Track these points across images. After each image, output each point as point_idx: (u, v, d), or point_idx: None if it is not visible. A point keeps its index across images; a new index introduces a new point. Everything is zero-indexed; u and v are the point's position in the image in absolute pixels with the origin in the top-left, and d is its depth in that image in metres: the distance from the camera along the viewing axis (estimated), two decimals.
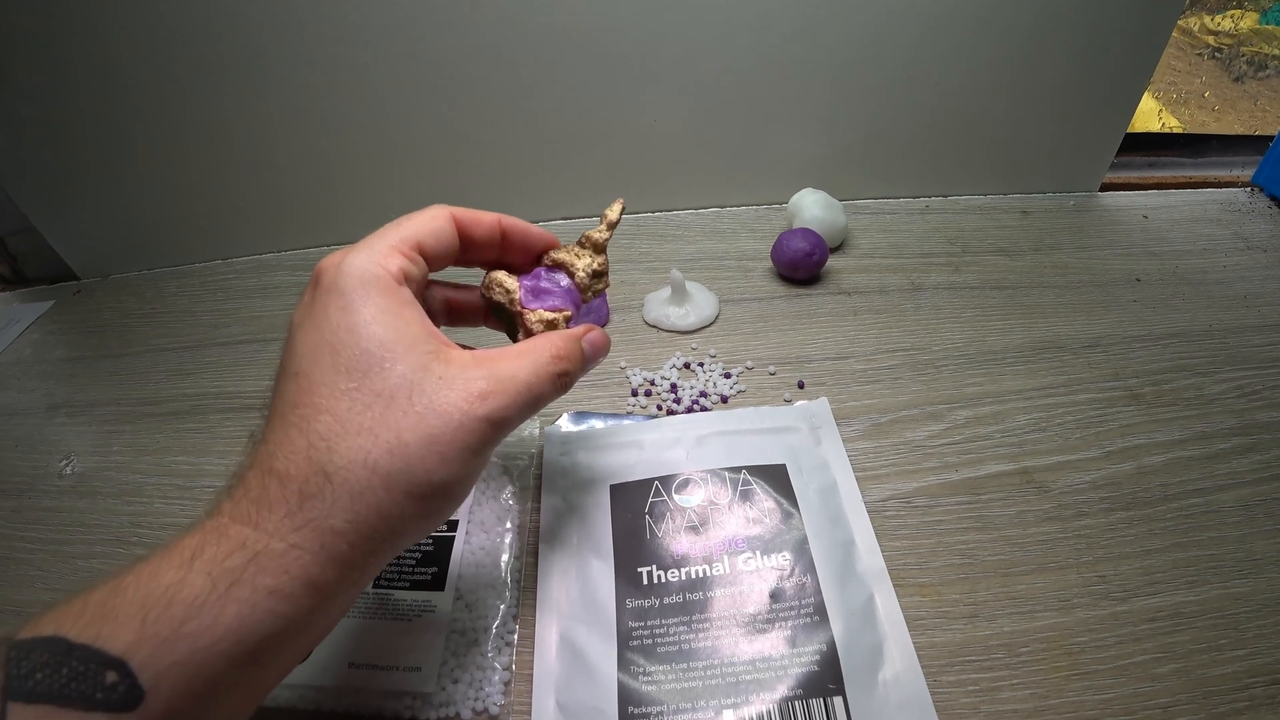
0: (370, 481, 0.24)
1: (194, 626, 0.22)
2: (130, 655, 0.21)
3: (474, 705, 0.35)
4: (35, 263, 0.73)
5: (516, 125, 0.65)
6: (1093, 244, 0.67)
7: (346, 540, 0.24)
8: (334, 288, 0.27)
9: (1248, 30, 1.29)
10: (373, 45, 0.59)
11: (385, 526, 0.25)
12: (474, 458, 0.27)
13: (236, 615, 0.22)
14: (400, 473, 0.25)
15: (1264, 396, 0.50)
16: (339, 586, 0.24)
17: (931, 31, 0.62)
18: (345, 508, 0.24)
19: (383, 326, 0.26)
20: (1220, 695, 0.34)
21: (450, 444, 0.26)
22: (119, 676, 0.21)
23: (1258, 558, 0.40)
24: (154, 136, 0.63)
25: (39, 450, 0.53)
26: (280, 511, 0.24)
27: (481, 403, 0.26)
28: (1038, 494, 0.44)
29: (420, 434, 0.25)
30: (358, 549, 0.24)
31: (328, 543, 0.24)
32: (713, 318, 0.58)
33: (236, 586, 0.23)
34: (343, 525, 0.24)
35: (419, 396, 0.26)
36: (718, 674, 0.34)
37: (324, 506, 0.24)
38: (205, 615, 0.22)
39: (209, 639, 0.22)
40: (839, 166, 0.71)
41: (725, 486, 0.42)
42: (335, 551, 0.24)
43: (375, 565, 0.26)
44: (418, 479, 0.25)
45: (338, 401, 0.25)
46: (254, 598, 0.23)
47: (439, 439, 0.25)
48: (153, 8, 0.56)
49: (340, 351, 0.26)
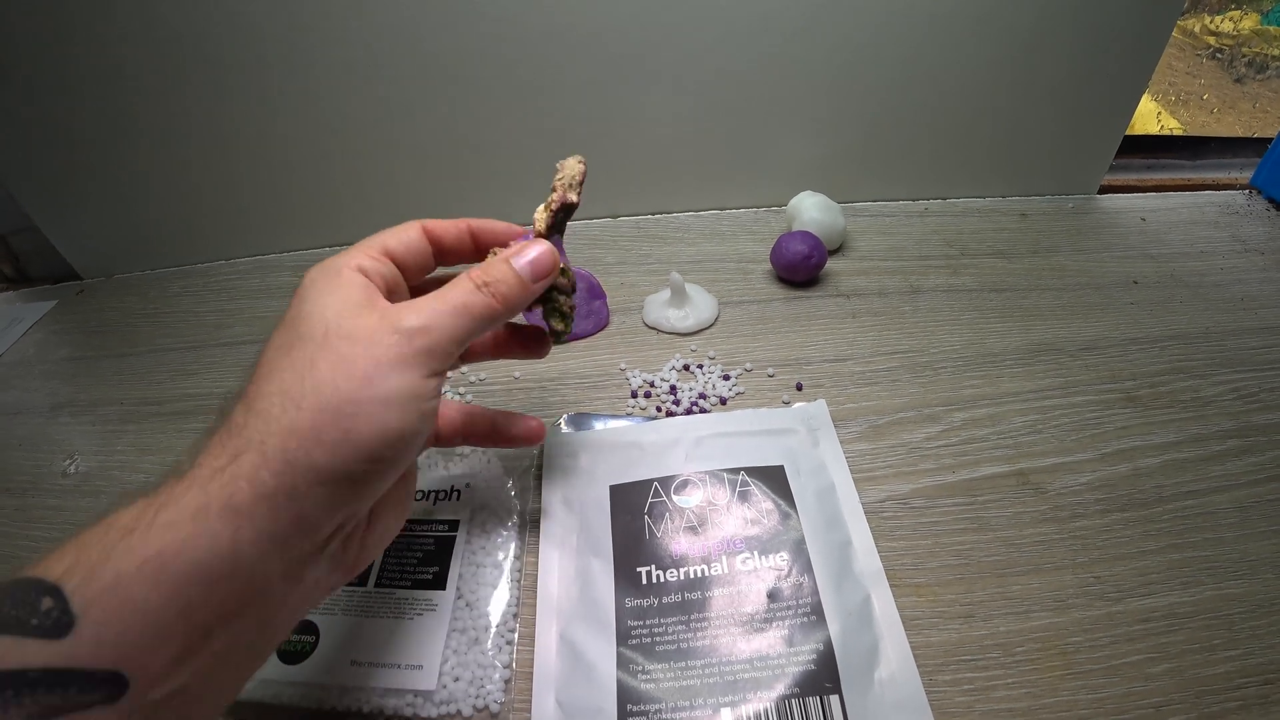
0: (283, 405, 0.25)
1: (122, 548, 0.22)
2: (65, 580, 0.22)
3: (475, 703, 0.35)
4: (38, 262, 0.73)
5: (517, 126, 0.65)
6: (1091, 246, 0.67)
7: (263, 460, 0.24)
8: (308, 284, 0.29)
9: (1248, 31, 1.29)
10: (375, 47, 0.60)
11: (302, 451, 0.25)
12: (393, 373, 0.27)
13: (159, 538, 0.23)
14: (310, 391, 0.25)
15: (1260, 399, 0.51)
16: (261, 518, 0.24)
17: (930, 34, 0.63)
18: (259, 430, 0.25)
19: (324, 294, 0.28)
20: (1213, 695, 0.34)
21: (364, 358, 0.26)
22: (53, 602, 0.21)
23: (1252, 559, 0.40)
24: (157, 137, 0.63)
25: (42, 449, 0.53)
26: (211, 452, 0.25)
27: (397, 319, 0.28)
28: (1034, 495, 0.44)
29: (332, 358, 0.26)
30: (273, 472, 0.24)
31: (242, 462, 0.24)
32: (712, 320, 0.58)
33: (164, 511, 0.23)
34: (257, 446, 0.25)
35: (335, 330, 0.27)
36: (716, 673, 0.34)
37: (245, 434, 0.25)
38: (134, 538, 0.23)
39: (135, 561, 0.22)
40: (838, 169, 0.72)
41: (724, 487, 0.42)
42: (249, 470, 0.24)
43: (307, 515, 0.25)
44: (327, 396, 0.25)
45: (270, 355, 0.27)
46: (178, 519, 0.23)
47: (349, 357, 0.26)
48: (156, 8, 0.56)
49: (287, 322, 0.28)
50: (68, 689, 0.21)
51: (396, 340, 0.27)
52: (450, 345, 0.29)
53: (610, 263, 0.66)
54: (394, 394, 0.27)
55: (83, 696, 0.21)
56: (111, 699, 0.21)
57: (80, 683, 0.21)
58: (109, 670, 0.21)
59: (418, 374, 0.27)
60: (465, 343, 0.29)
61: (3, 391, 0.60)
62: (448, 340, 0.28)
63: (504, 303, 0.31)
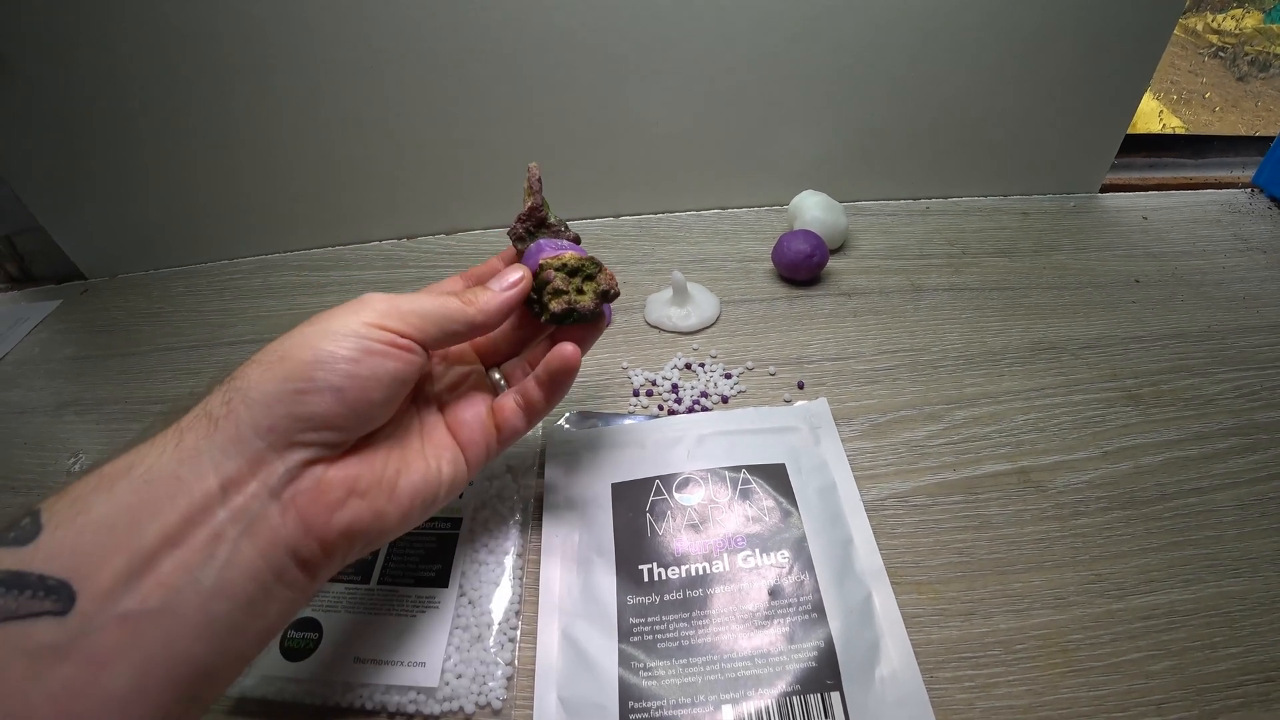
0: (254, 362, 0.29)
1: (93, 473, 0.25)
2: (43, 504, 0.24)
3: (477, 700, 0.35)
4: (43, 262, 0.73)
5: (520, 127, 0.66)
6: (1092, 245, 0.67)
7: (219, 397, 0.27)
8: None
9: (1251, 30, 1.29)
10: (378, 48, 0.60)
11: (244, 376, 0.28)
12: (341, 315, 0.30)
13: (121, 460, 0.26)
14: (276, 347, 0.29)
15: (1262, 397, 0.51)
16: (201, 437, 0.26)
17: (931, 34, 0.63)
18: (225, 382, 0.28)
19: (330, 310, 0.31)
20: (1214, 692, 0.35)
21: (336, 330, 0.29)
22: (30, 520, 0.24)
23: (1253, 556, 0.40)
24: (160, 138, 0.64)
25: (47, 448, 0.54)
26: None
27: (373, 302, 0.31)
28: (1035, 493, 0.44)
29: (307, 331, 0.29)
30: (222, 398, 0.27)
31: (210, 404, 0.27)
32: (714, 319, 0.58)
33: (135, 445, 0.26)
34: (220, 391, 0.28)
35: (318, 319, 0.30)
36: (717, 670, 0.34)
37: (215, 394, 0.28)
38: (104, 465, 0.26)
39: (94, 479, 0.25)
40: (840, 168, 0.72)
41: (725, 485, 0.42)
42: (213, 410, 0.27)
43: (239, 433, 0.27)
44: (292, 353, 0.28)
45: None
46: (135, 443, 0.26)
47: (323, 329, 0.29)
48: (160, 10, 0.56)
49: None
50: (23, 591, 0.22)
51: (361, 301, 0.31)
52: (411, 315, 0.31)
53: (613, 262, 0.66)
54: (333, 329, 0.29)
55: (34, 602, 0.22)
56: (60, 611, 0.22)
57: (34, 587, 0.22)
58: (59, 578, 0.23)
59: (365, 317, 0.30)
60: (432, 323, 0.32)
61: (8, 390, 0.60)
62: (411, 310, 0.31)
63: (479, 309, 0.34)
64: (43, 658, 0.22)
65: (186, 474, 0.25)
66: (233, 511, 0.26)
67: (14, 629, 0.22)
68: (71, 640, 0.22)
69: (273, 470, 0.27)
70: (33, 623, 0.22)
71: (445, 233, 0.73)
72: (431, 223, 0.72)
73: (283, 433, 0.27)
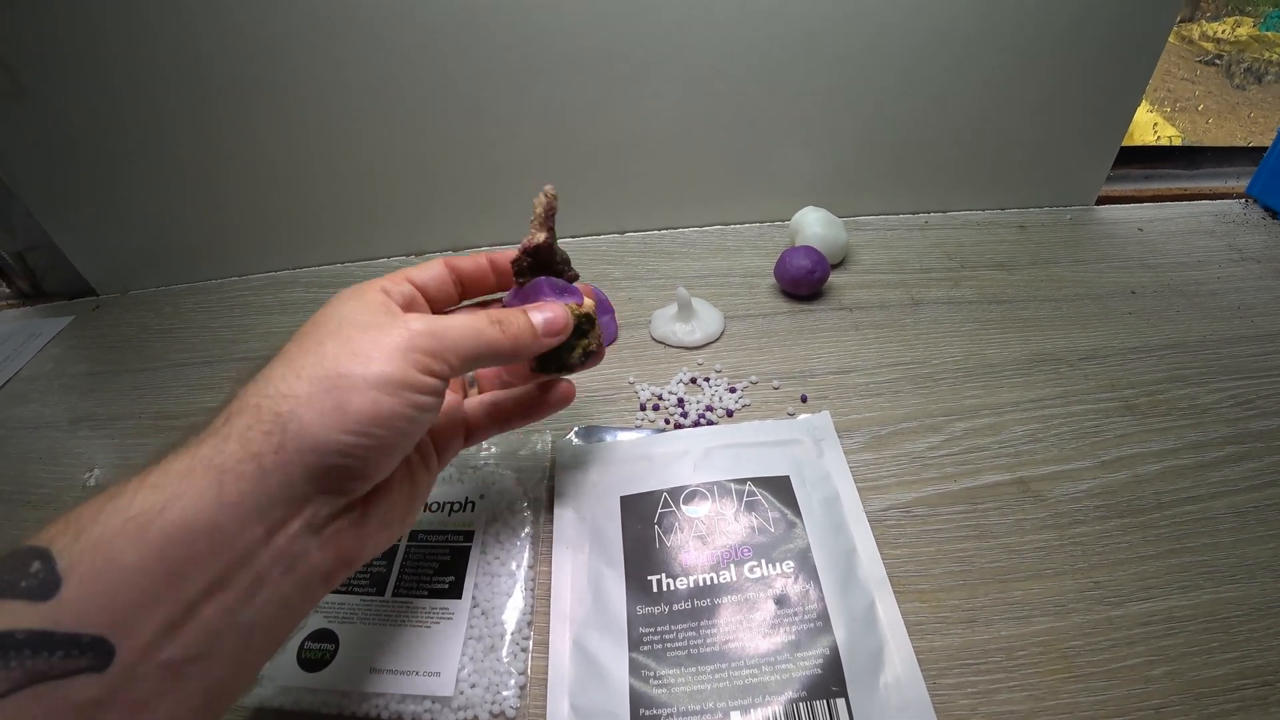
0: (284, 373, 0.27)
1: (108, 510, 0.23)
2: (53, 541, 0.22)
3: (491, 709, 0.36)
4: (55, 278, 0.74)
5: (526, 145, 0.67)
6: (1089, 257, 0.68)
7: (259, 426, 0.25)
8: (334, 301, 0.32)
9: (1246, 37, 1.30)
10: (387, 67, 0.61)
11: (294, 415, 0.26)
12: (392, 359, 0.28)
13: (145, 499, 0.23)
14: (313, 364, 0.27)
15: (1257, 406, 0.51)
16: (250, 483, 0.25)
17: (927, 52, 0.64)
18: (258, 395, 0.26)
19: (341, 300, 0.31)
20: (1212, 697, 0.35)
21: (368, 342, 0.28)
22: (41, 565, 0.21)
23: (1250, 563, 0.41)
24: (172, 155, 0.65)
25: (62, 463, 0.54)
26: (212, 421, 0.26)
27: (408, 323, 0.30)
28: (1034, 503, 0.45)
29: (339, 340, 0.28)
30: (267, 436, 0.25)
31: (238, 426, 0.25)
32: (718, 334, 0.59)
33: (149, 474, 0.24)
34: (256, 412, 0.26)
35: (350, 326, 0.29)
36: (725, 677, 0.35)
37: (242, 400, 0.26)
38: (120, 500, 0.23)
39: (118, 521, 0.22)
40: (840, 184, 0.73)
41: (731, 497, 0.43)
42: (245, 436, 0.25)
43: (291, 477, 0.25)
44: (327, 366, 0.27)
45: (288, 347, 0.29)
46: (163, 481, 0.24)
47: (355, 339, 0.28)
48: (173, 28, 0.58)
49: (306, 327, 0.30)
50: (54, 652, 0.21)
51: (402, 333, 0.29)
52: (452, 355, 0.30)
53: (617, 278, 0.68)
54: (389, 378, 0.28)
55: (69, 662, 0.21)
56: (98, 667, 0.21)
57: (66, 646, 0.21)
58: (94, 635, 0.21)
59: (414, 367, 0.29)
60: (468, 360, 0.31)
61: (22, 405, 0.61)
62: (450, 349, 0.30)
63: (513, 341, 0.33)
64: (83, 713, 0.21)
65: (230, 524, 0.24)
66: (276, 553, 0.26)
67: (49, 690, 0.21)
68: (112, 694, 0.21)
69: (318, 512, 0.27)
70: (69, 681, 0.21)
71: (451, 249, 0.74)
72: (439, 239, 0.73)
73: (333, 480, 0.27)
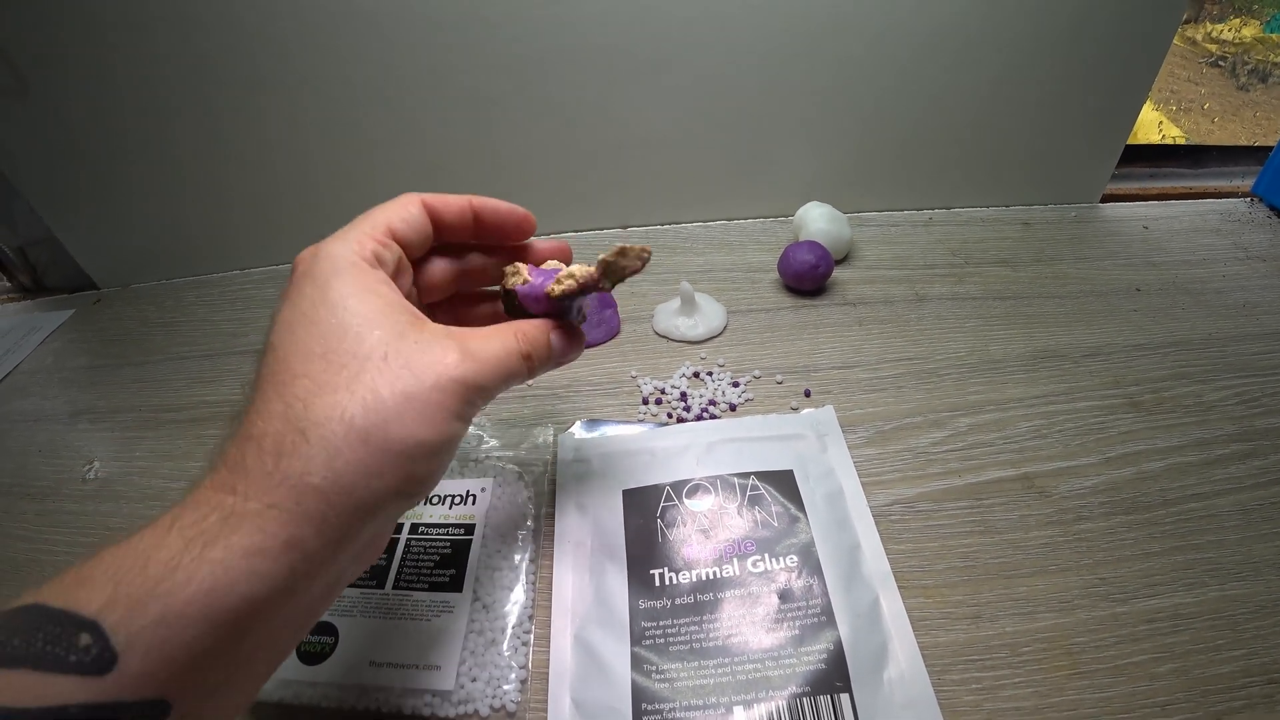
0: (347, 437, 0.24)
1: (167, 586, 0.21)
2: (103, 616, 0.21)
3: (492, 703, 0.36)
4: (56, 272, 0.74)
5: (529, 140, 0.67)
6: (1093, 255, 0.68)
7: (325, 498, 0.24)
8: (310, 273, 0.28)
9: (1251, 39, 1.30)
10: (389, 63, 0.61)
11: (364, 486, 0.24)
12: (450, 421, 0.26)
13: (210, 575, 0.22)
14: (377, 428, 0.24)
15: (1263, 403, 0.51)
16: (318, 552, 0.24)
17: (932, 49, 0.64)
18: (322, 464, 0.24)
19: (357, 300, 0.27)
20: (1218, 694, 0.35)
21: (427, 402, 0.26)
22: (92, 639, 0.21)
23: (1255, 560, 0.41)
24: (173, 150, 0.65)
25: (62, 455, 0.54)
26: (257, 473, 0.24)
27: (457, 365, 0.27)
28: (1039, 499, 0.45)
29: (397, 390, 0.25)
30: (335, 509, 0.24)
31: (305, 500, 0.23)
32: (721, 328, 0.59)
33: (211, 547, 0.22)
34: (320, 482, 0.23)
35: (395, 356, 0.26)
36: (728, 672, 0.35)
37: (300, 463, 0.23)
38: (179, 574, 0.22)
39: (183, 599, 0.21)
40: (844, 180, 0.73)
41: (734, 492, 0.43)
42: (312, 510, 0.23)
43: (354, 539, 0.25)
44: (394, 435, 0.25)
45: (313, 364, 0.25)
46: (229, 558, 0.22)
47: (415, 396, 0.25)
48: (175, 25, 0.57)
49: (316, 323, 0.26)
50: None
51: (457, 389, 0.27)
52: (484, 398, 0.29)
53: None
54: (448, 441, 0.27)
55: None
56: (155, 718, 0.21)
57: (122, 713, 0.20)
58: (152, 699, 0.21)
59: (463, 425, 0.28)
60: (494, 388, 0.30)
61: (23, 399, 0.61)
62: (489, 391, 0.29)
63: (531, 374, 0.32)
64: None
65: (300, 590, 0.24)
66: (324, 586, 0.26)
67: None
68: None
69: (357, 542, 0.26)
70: None
71: None
72: None
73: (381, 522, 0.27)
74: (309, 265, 0.28)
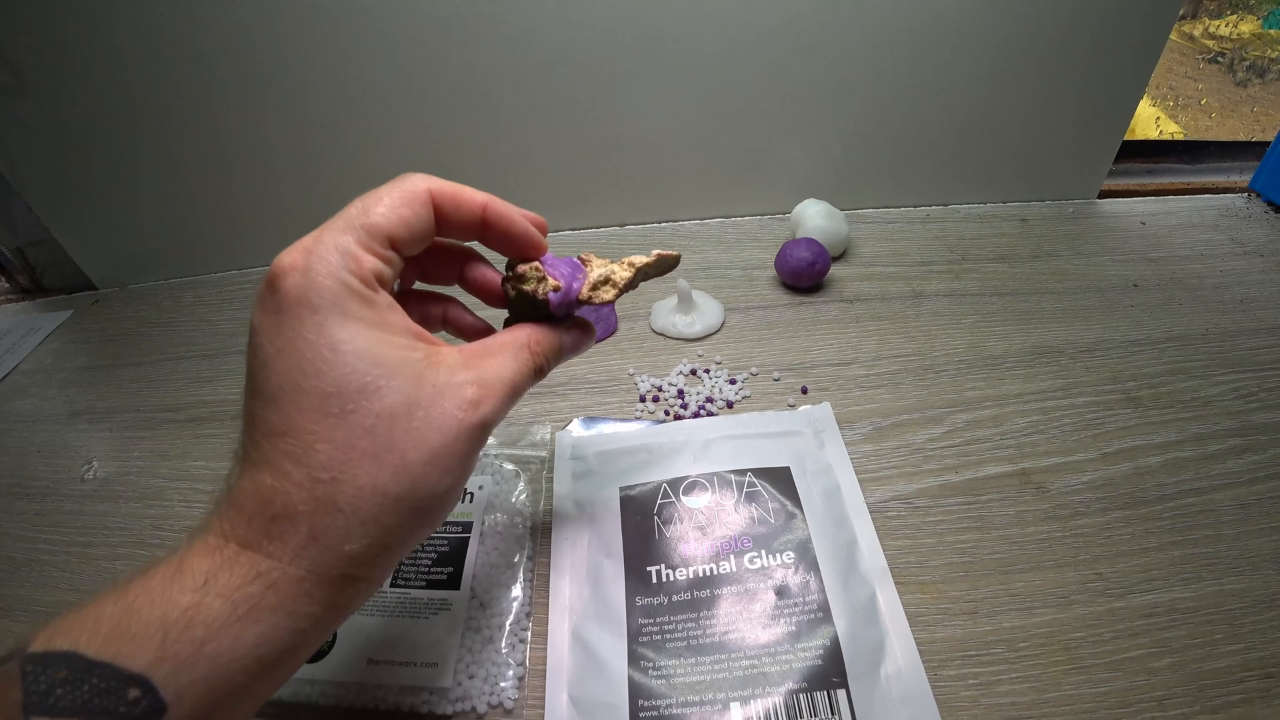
0: (382, 505, 0.24)
1: (214, 647, 0.23)
2: (152, 673, 0.22)
3: (489, 700, 0.36)
4: (54, 273, 0.74)
5: (527, 138, 0.67)
6: (1091, 251, 0.68)
7: (362, 561, 0.25)
8: (304, 302, 0.24)
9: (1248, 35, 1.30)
10: (388, 62, 0.61)
11: (395, 541, 0.26)
12: (468, 462, 0.27)
13: (257, 635, 0.23)
14: (408, 492, 0.25)
15: (1260, 398, 0.51)
16: (352, 602, 0.26)
17: (930, 45, 0.64)
18: (360, 534, 0.24)
19: (369, 342, 0.25)
20: (1215, 689, 0.35)
21: (451, 456, 0.26)
22: (141, 693, 0.22)
23: (1253, 555, 0.41)
24: (171, 150, 0.65)
25: (61, 455, 0.54)
26: (291, 543, 0.24)
27: (475, 410, 0.26)
28: (1036, 494, 0.45)
29: (423, 452, 0.25)
30: (368, 565, 0.25)
31: (342, 565, 0.24)
32: (718, 325, 0.59)
33: (256, 610, 0.23)
34: (358, 549, 0.24)
35: (417, 411, 0.25)
36: (725, 668, 0.35)
37: (338, 535, 0.24)
38: (225, 636, 0.23)
39: (230, 658, 0.23)
40: (841, 177, 0.73)
41: (731, 489, 0.43)
42: (350, 572, 0.25)
43: (382, 575, 0.27)
44: (424, 494, 0.25)
45: (333, 429, 0.24)
46: (274, 619, 0.23)
47: (440, 453, 0.25)
48: (171, 26, 0.57)
49: (325, 373, 0.24)
50: None
51: (475, 435, 0.27)
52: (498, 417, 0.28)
53: None
54: (468, 475, 0.28)
55: None
56: None
57: None
58: None
59: (474, 452, 0.27)
60: None
61: (21, 399, 0.61)
62: (503, 417, 0.29)
63: (544, 376, 0.32)
64: None
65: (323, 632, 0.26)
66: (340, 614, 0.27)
67: None
68: None
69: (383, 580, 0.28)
70: None
71: None
72: None
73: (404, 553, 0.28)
74: (301, 293, 0.24)
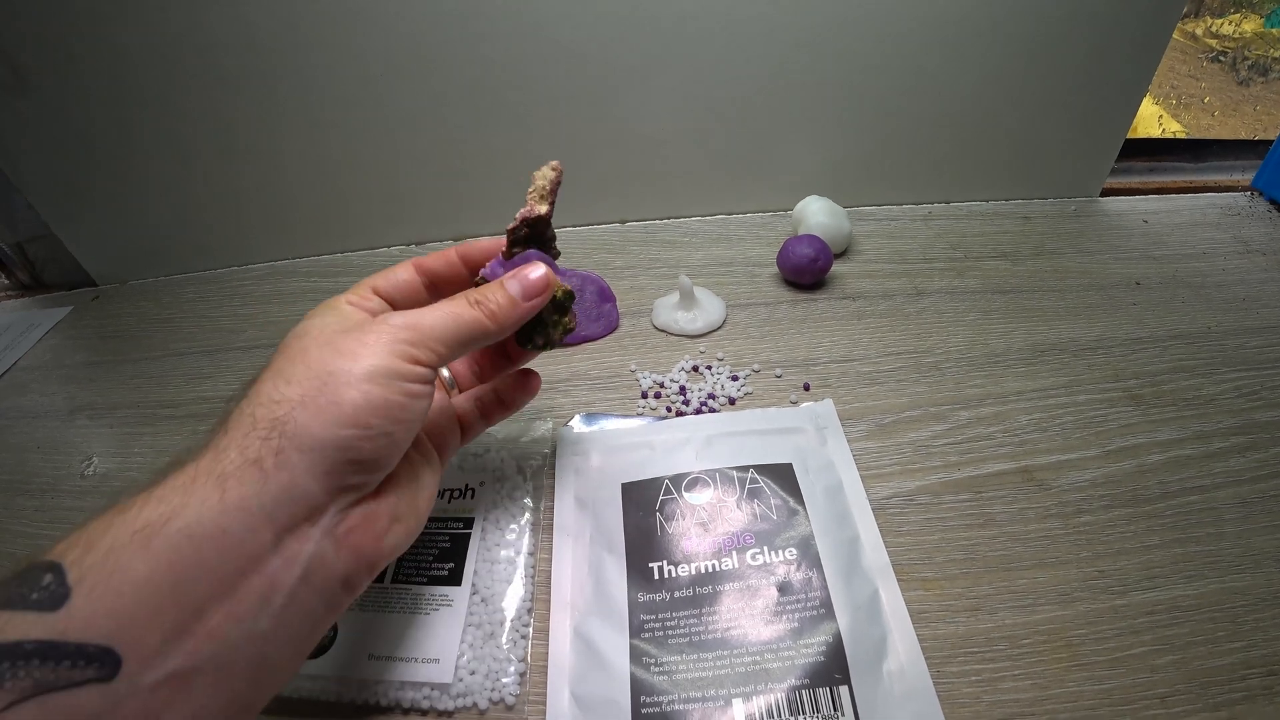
0: (274, 383, 0.27)
1: (117, 524, 0.23)
2: (64, 555, 0.23)
3: (491, 696, 0.36)
4: (54, 269, 0.74)
5: (528, 135, 0.67)
6: (1093, 248, 0.68)
7: (256, 433, 0.26)
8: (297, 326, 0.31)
9: (1251, 34, 1.30)
10: (386, 57, 0.61)
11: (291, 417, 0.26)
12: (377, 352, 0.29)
13: (152, 511, 0.24)
14: (301, 370, 0.28)
15: (1262, 397, 0.51)
16: (253, 486, 0.25)
17: (933, 42, 0.63)
18: (251, 406, 0.27)
19: (316, 315, 0.31)
20: (1217, 686, 0.35)
21: (352, 341, 0.29)
22: (53, 578, 0.22)
23: (1255, 553, 0.41)
24: (171, 146, 0.65)
25: (61, 451, 0.54)
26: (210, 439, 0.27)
27: (387, 316, 0.31)
28: (1038, 492, 0.45)
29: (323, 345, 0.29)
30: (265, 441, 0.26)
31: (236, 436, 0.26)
32: (720, 322, 0.59)
33: (156, 488, 0.25)
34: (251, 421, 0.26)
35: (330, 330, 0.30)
36: (727, 665, 0.35)
37: (237, 414, 0.27)
38: (129, 514, 0.24)
39: (126, 533, 0.23)
40: (843, 174, 0.72)
41: (734, 485, 0.43)
42: (244, 444, 0.26)
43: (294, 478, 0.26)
44: (315, 369, 0.28)
45: (273, 361, 0.29)
46: (168, 493, 0.24)
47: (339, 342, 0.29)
48: (171, 22, 0.57)
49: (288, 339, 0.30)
50: (60, 662, 0.21)
51: (384, 329, 0.30)
52: (436, 343, 0.31)
53: (620, 267, 0.67)
54: (378, 369, 0.28)
55: (76, 672, 0.21)
56: (105, 677, 0.21)
57: (73, 656, 0.21)
58: (101, 645, 0.21)
59: (400, 358, 0.29)
60: (454, 347, 0.31)
61: (21, 395, 0.61)
62: (434, 337, 0.31)
63: (493, 318, 0.33)
64: None
65: (236, 528, 0.24)
66: (288, 557, 0.26)
67: (56, 700, 0.21)
68: (118, 705, 0.21)
69: (327, 514, 0.27)
70: (75, 692, 0.21)
71: (453, 239, 0.73)
72: (439, 229, 0.73)
73: (338, 477, 0.27)
74: None
